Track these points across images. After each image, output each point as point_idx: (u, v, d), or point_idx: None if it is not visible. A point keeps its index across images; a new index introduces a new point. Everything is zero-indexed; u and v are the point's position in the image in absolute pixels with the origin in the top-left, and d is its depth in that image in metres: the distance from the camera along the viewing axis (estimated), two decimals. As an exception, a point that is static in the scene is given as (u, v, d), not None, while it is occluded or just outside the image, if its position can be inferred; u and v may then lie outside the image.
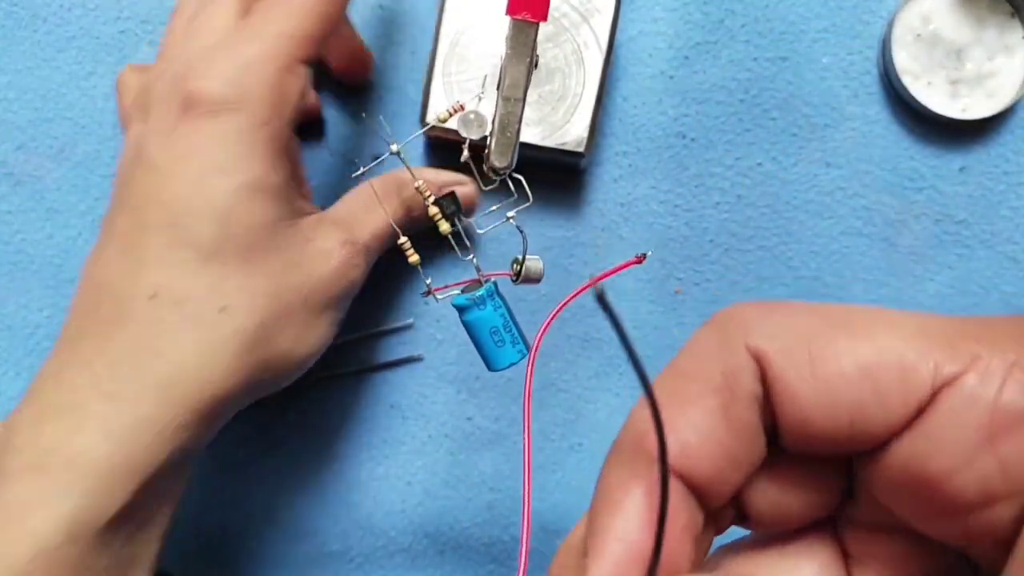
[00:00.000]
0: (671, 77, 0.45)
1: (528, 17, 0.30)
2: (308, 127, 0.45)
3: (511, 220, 0.30)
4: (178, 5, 0.39)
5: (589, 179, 0.45)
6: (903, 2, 0.44)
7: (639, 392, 0.20)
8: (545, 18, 0.30)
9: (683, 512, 0.20)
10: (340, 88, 0.45)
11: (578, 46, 0.41)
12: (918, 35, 0.44)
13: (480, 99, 0.36)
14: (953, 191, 0.46)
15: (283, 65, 0.33)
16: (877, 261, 0.46)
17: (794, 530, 0.23)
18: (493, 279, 0.30)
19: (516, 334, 0.30)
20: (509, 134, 0.30)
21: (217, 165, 0.32)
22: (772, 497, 0.22)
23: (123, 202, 0.34)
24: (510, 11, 0.30)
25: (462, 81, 0.41)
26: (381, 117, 0.45)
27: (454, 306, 0.30)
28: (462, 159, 0.31)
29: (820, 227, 0.46)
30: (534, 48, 0.31)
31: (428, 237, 0.34)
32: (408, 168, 0.30)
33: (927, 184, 0.46)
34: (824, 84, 0.45)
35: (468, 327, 0.30)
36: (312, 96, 0.43)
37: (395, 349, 0.46)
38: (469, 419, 0.46)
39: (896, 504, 0.20)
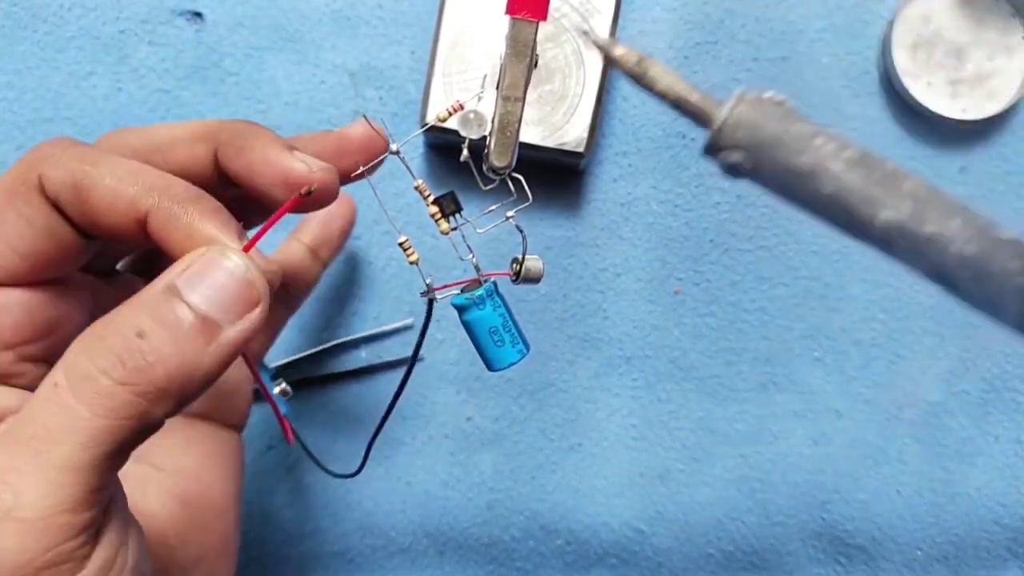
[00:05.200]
0: (671, 77, 0.45)
1: (528, 17, 0.30)
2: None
3: (511, 220, 0.30)
4: None
5: (589, 179, 0.45)
6: (903, 2, 0.44)
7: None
8: (545, 18, 0.30)
9: None
10: (339, 87, 0.45)
11: (578, 46, 0.41)
12: (918, 35, 0.44)
13: (480, 99, 0.36)
14: (953, 191, 0.46)
15: None
16: (877, 261, 0.46)
17: None
18: (493, 279, 0.30)
19: (516, 334, 0.30)
20: (509, 134, 0.30)
21: None
22: None
23: None
24: (510, 11, 0.30)
25: (462, 81, 0.41)
26: (381, 117, 0.45)
27: (454, 306, 0.30)
28: (462, 159, 0.31)
29: (820, 227, 0.46)
30: (534, 48, 0.31)
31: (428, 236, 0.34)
32: (408, 168, 0.30)
33: (927, 184, 0.46)
34: (824, 84, 0.45)
35: (467, 327, 0.30)
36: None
37: (395, 349, 0.46)
38: (469, 419, 0.46)
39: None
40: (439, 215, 0.29)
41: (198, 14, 0.45)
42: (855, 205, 0.19)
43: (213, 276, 0.24)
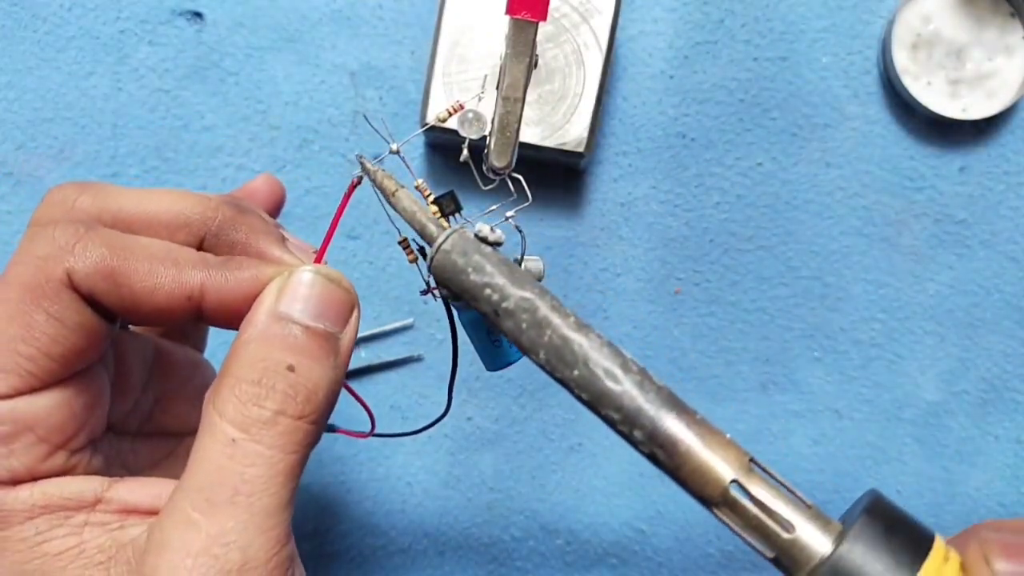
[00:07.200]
0: (671, 77, 0.45)
1: (528, 17, 0.30)
2: None
3: (510, 220, 0.30)
4: None
5: (589, 179, 0.45)
6: (903, 2, 0.44)
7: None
8: (545, 18, 0.30)
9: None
10: (339, 87, 0.45)
11: (578, 46, 0.41)
12: (918, 35, 0.44)
13: (480, 99, 0.36)
14: (953, 191, 0.46)
15: None
16: (877, 261, 0.46)
17: None
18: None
19: (516, 334, 0.30)
20: (509, 134, 0.30)
21: None
22: None
23: None
24: (510, 11, 0.30)
25: (462, 81, 0.41)
26: (381, 117, 0.45)
27: (453, 305, 0.30)
28: (462, 159, 0.31)
29: (820, 227, 0.46)
30: (534, 48, 0.31)
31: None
32: (408, 168, 0.30)
33: (927, 184, 0.46)
34: (824, 84, 0.45)
35: (467, 327, 0.30)
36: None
37: (395, 349, 0.46)
38: (469, 419, 0.46)
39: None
40: (439, 214, 0.29)
41: (198, 14, 0.45)
42: (515, 344, 0.24)
43: (307, 294, 0.25)
